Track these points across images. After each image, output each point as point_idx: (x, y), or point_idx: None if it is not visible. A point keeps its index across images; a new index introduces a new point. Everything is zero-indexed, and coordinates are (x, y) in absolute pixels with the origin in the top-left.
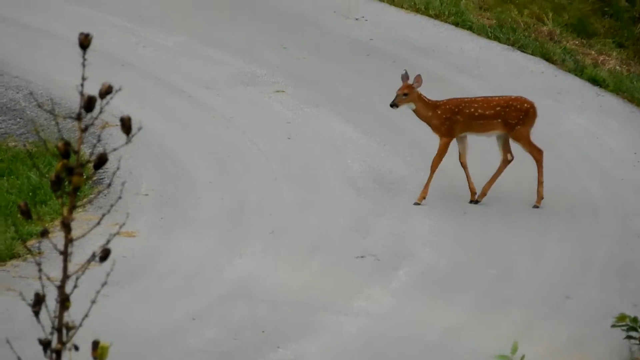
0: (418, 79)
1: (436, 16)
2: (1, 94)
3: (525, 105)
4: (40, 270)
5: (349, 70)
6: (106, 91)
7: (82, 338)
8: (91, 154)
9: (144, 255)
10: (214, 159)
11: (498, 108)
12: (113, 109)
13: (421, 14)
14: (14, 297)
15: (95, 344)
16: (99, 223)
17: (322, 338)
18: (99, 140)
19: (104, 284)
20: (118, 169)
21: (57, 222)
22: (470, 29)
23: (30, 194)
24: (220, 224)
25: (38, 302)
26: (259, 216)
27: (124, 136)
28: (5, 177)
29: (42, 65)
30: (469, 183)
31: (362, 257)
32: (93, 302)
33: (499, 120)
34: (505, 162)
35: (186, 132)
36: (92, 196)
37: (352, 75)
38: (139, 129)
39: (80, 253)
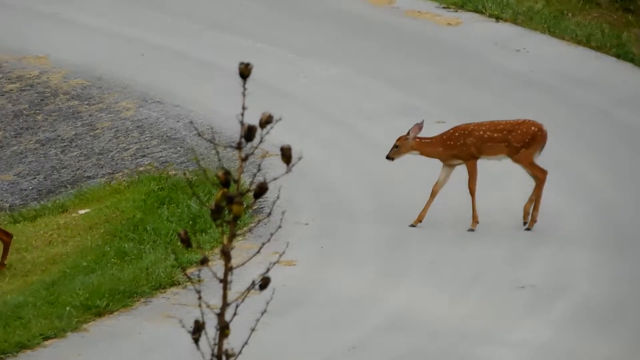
0: (415, 129)
1: (598, 48)
2: (162, 123)
3: (533, 128)
4: (200, 297)
5: (509, 102)
6: (266, 121)
7: None
8: (251, 183)
9: (304, 284)
10: (373, 189)
11: (505, 132)
12: (273, 138)
13: (582, 46)
14: (174, 324)
15: None
16: (258, 252)
17: None
18: (259, 170)
19: (264, 312)
20: (278, 198)
21: (217, 251)
22: (632, 61)
23: (190, 222)
24: (380, 254)
25: (198, 329)
26: (418, 247)
27: (284, 166)
28: (165, 206)
29: (203, 95)
30: (424, 208)
31: (521, 287)
32: (253, 329)
33: (505, 143)
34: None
35: (345, 162)
36: (252, 225)
37: (512, 107)
38: (299, 158)
39: (240, 281)
